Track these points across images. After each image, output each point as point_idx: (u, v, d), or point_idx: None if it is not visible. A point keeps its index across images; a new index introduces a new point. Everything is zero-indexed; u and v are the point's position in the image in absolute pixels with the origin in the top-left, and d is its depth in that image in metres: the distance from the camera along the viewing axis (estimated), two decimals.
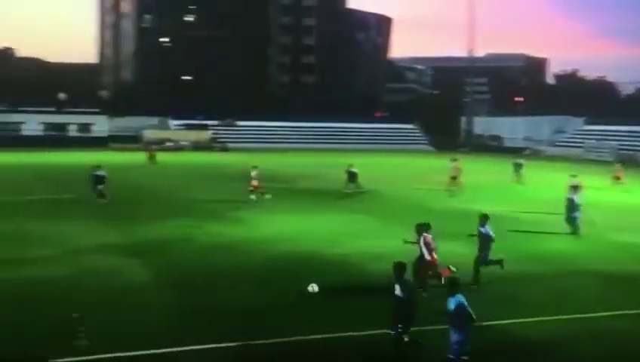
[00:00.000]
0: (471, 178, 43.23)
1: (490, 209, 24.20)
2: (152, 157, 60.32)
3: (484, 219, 17.98)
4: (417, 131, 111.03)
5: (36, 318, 14.34)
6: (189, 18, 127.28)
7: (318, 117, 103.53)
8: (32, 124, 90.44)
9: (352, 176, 38.70)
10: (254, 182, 34.50)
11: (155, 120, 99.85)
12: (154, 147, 67.46)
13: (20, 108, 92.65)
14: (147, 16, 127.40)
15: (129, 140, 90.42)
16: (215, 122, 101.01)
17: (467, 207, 31.17)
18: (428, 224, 17.31)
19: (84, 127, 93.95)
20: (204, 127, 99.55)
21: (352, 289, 17.03)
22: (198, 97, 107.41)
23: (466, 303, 11.42)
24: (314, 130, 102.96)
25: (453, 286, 11.70)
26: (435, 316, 12.75)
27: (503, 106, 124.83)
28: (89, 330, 12.69)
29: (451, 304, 11.44)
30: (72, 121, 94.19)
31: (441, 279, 16.23)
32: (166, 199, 35.44)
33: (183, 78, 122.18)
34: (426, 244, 16.75)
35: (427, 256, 16.68)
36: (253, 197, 33.72)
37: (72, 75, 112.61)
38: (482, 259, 17.56)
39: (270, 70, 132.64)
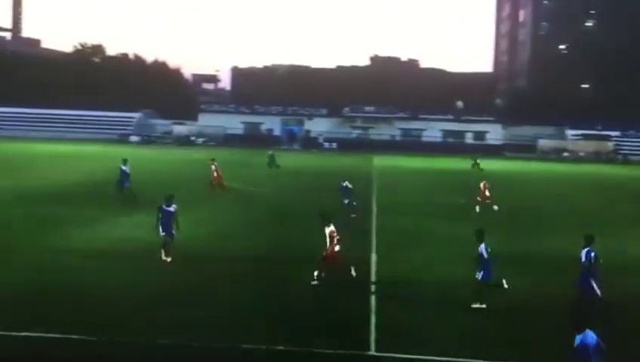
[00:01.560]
0: None
1: None
2: (475, 165, 58.65)
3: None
4: None
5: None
6: (589, 24, 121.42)
7: None
8: (433, 131, 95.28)
9: None
10: None
11: (550, 129, 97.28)
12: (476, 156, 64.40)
13: (420, 116, 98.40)
14: (544, 24, 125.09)
15: (523, 149, 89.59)
16: (617, 133, 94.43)
17: None
18: None
19: (480, 135, 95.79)
20: (606, 138, 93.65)
21: None
22: (597, 106, 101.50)
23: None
24: None
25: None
26: None
27: None
28: None
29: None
30: (469, 129, 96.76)
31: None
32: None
33: (582, 86, 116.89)
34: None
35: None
36: None
37: (468, 84, 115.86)
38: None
39: None
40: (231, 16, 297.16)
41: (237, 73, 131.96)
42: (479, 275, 15.84)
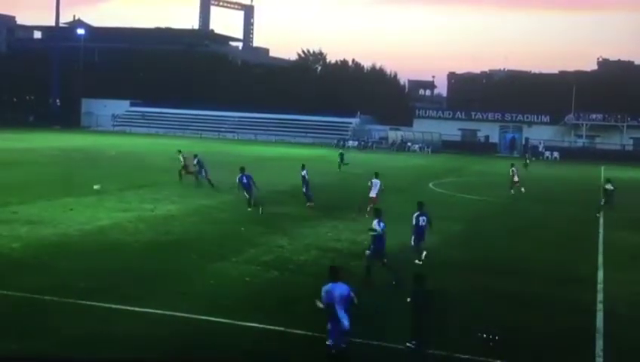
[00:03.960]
0: None
1: None
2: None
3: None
4: None
5: None
6: None
7: None
8: None
9: None
10: None
11: None
12: None
13: None
14: None
15: None
16: None
17: None
18: None
19: None
20: None
21: None
22: None
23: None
24: None
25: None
26: None
27: None
28: None
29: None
30: None
31: None
32: None
33: None
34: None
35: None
36: None
37: None
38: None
39: None
40: (447, 23, 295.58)
41: (454, 79, 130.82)
42: None
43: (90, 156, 52.15)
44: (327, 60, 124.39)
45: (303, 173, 31.57)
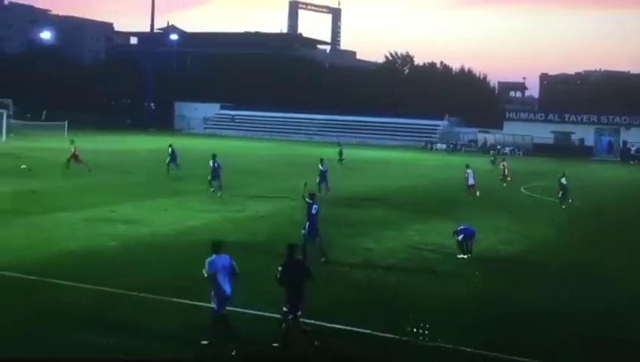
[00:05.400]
0: None
1: None
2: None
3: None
4: None
5: None
6: None
7: None
8: None
9: None
10: None
11: None
12: None
13: None
14: None
15: None
16: None
17: None
18: None
19: None
20: None
21: None
22: None
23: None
24: None
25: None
26: None
27: None
28: None
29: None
30: None
31: None
32: None
33: None
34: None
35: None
36: None
37: None
38: None
39: None
40: (537, 23, 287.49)
41: (546, 80, 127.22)
42: None
43: (181, 158, 53.49)
44: (415, 62, 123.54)
45: (323, 167, 33.92)
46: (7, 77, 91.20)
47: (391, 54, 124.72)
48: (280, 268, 12.66)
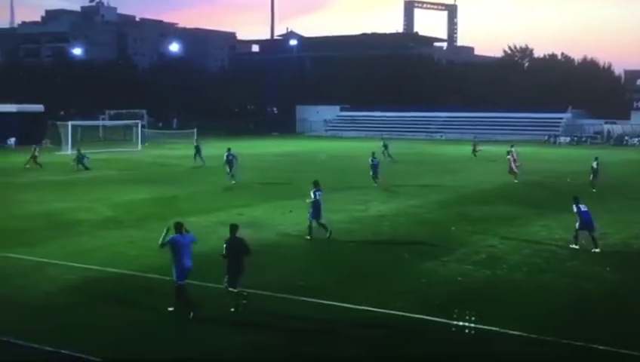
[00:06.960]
0: None
1: None
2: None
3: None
4: None
5: None
6: None
7: None
8: None
9: None
10: None
11: None
12: None
13: None
14: None
15: None
16: None
17: None
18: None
19: None
20: None
21: None
22: None
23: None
24: None
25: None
26: None
27: None
28: None
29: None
30: None
31: None
32: None
33: None
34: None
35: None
36: None
37: None
38: None
39: None
40: None
41: None
42: None
43: (302, 160, 54.89)
44: (534, 55, 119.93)
45: (374, 161, 36.78)
46: (140, 89, 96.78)
47: (510, 48, 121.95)
48: (224, 245, 14.81)
